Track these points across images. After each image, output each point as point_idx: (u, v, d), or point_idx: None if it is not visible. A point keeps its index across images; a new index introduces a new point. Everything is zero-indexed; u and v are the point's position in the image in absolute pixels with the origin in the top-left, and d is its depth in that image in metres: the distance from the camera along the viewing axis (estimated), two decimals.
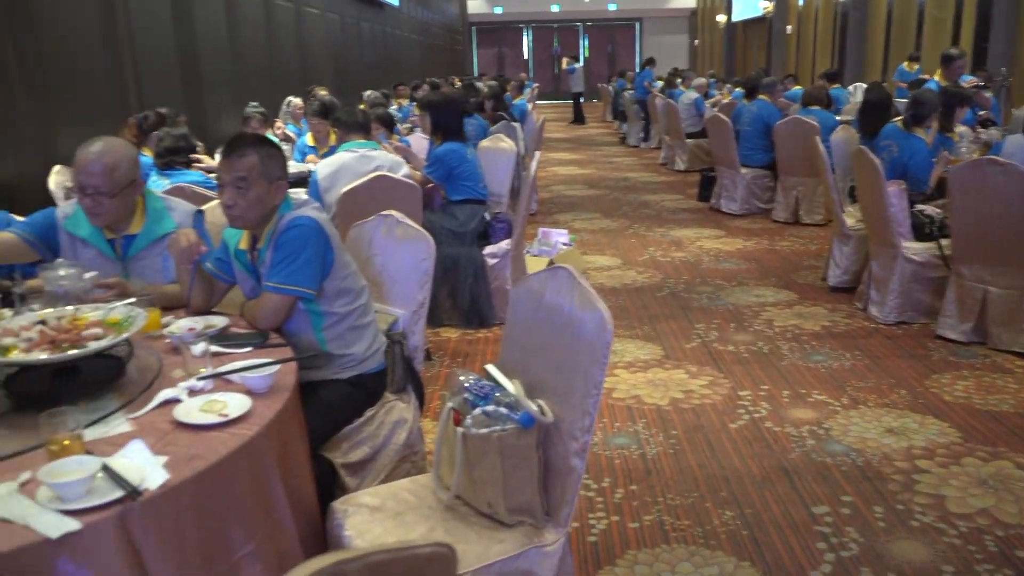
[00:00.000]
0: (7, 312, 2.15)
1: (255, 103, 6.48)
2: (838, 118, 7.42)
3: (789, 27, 19.13)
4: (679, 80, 12.46)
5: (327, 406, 2.28)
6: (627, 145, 14.22)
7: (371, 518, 1.90)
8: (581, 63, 21.13)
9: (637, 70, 21.37)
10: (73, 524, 1.33)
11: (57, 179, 4.42)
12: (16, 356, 1.77)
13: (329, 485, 2.24)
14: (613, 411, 3.50)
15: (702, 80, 12.47)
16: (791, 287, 5.34)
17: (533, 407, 1.81)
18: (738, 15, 23.11)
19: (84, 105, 5.04)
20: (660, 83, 13.76)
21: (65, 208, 2.50)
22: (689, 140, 10.42)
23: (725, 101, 11.17)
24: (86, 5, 5.19)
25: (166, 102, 5.54)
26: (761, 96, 7.77)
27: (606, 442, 3.23)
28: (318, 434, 2.20)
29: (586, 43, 29.29)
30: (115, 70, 5.50)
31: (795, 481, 2.91)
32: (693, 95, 10.64)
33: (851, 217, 5.09)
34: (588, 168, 11.56)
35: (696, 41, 28.22)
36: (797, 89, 10.17)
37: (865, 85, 9.85)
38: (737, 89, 11.80)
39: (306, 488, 1.95)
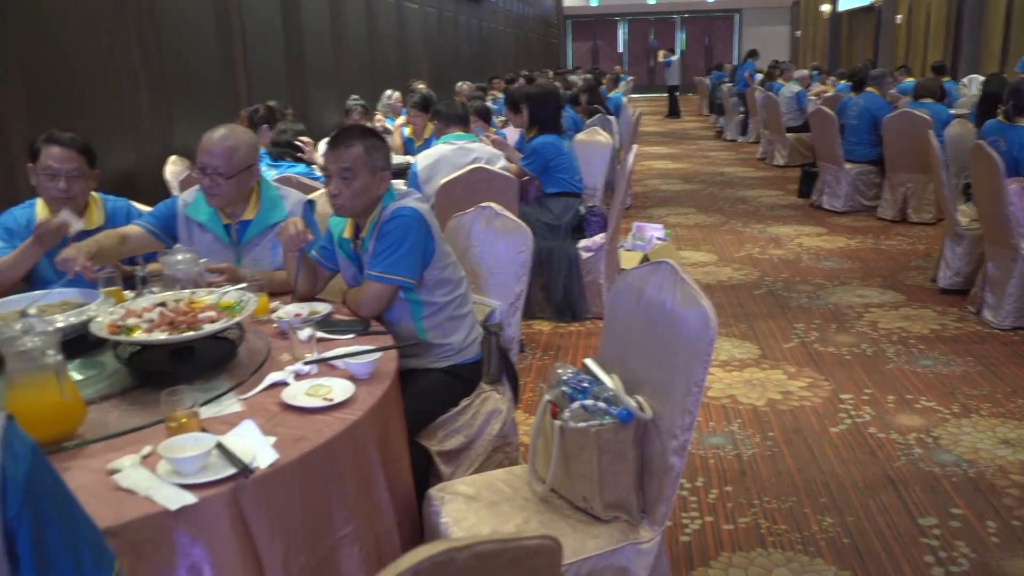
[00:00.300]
0: (129, 294, 2.27)
1: (356, 96, 6.64)
2: (951, 111, 7.06)
3: (899, 16, 18.28)
4: (779, 72, 12.10)
5: (424, 394, 2.32)
6: (724, 139, 13.92)
7: (467, 507, 1.92)
8: (677, 56, 20.79)
9: (735, 63, 20.86)
10: (190, 498, 1.39)
11: (172, 169, 4.64)
12: (139, 336, 1.87)
13: (424, 472, 2.28)
14: (708, 410, 3.44)
15: (804, 72, 12.06)
16: (897, 288, 5.12)
17: (632, 403, 1.79)
18: (844, 5, 22.23)
19: (198, 100, 5.27)
20: (760, 75, 13.40)
21: (186, 196, 2.63)
22: (789, 134, 10.11)
23: (829, 94, 10.79)
24: (203, 6, 5.42)
25: (273, 96, 5.73)
26: (869, 88, 7.46)
27: (700, 441, 3.17)
28: (414, 421, 2.23)
29: (683, 36, 28.75)
30: (227, 67, 5.73)
31: (900, 491, 2.79)
32: (795, 88, 10.31)
33: (965, 216, 4.84)
34: (683, 162, 11.37)
35: (798, 32, 27.32)
36: (909, 81, 9.73)
37: (981, 77, 9.33)
38: (842, 82, 11.38)
39: (404, 473, 1.99)
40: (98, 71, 4.27)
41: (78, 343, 1.95)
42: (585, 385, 1.86)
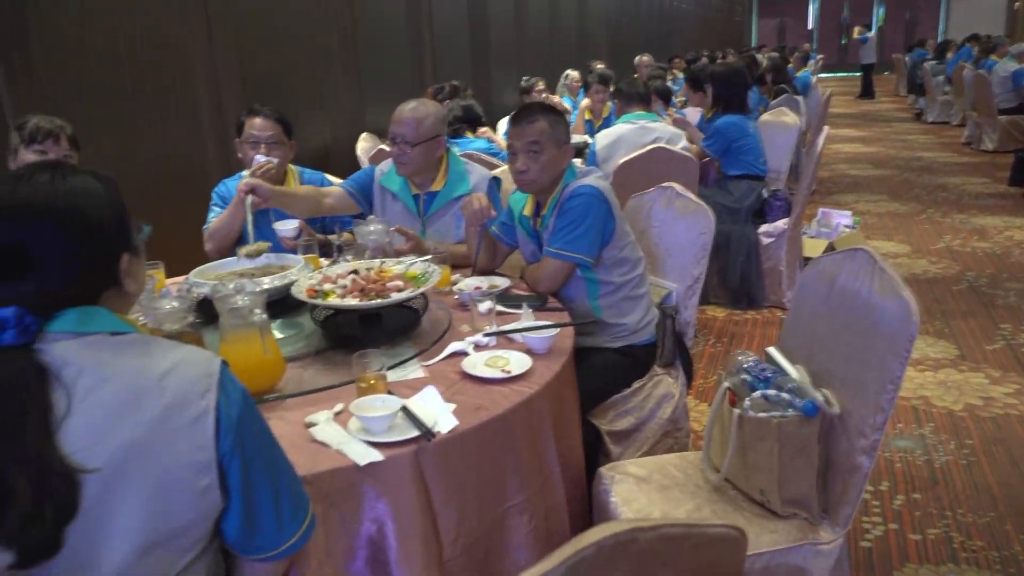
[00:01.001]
0: (323, 261, 2.42)
1: (526, 76, 6.70)
2: None
3: None
4: (992, 48, 10.97)
5: (597, 373, 2.31)
6: (923, 122, 12.87)
7: (637, 488, 1.90)
8: (874, 32, 19.39)
9: (940, 38, 19.23)
10: (377, 455, 1.46)
11: (363, 145, 4.89)
12: (333, 300, 1.98)
13: (593, 450, 2.28)
14: (896, 410, 3.20)
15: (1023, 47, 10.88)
16: None
17: (818, 396, 1.70)
18: None
19: (387, 80, 5.52)
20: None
21: (382, 167, 2.78)
22: (1002, 116, 9.18)
23: None
24: None
25: (456, 77, 5.89)
26: None
27: (886, 443, 2.97)
28: (586, 399, 2.22)
29: (881, 11, 26.70)
30: (415, 50, 5.95)
31: None
32: (1011, 66, 9.33)
33: None
34: (875, 146, 10.62)
35: (1016, 3, 24.67)
36: None
37: None
38: None
39: (575, 450, 2.00)
40: (301, 57, 4.58)
41: (280, 304, 2.10)
42: (768, 375, 1.78)
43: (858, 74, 18.51)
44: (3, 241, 1.03)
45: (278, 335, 1.97)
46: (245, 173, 2.71)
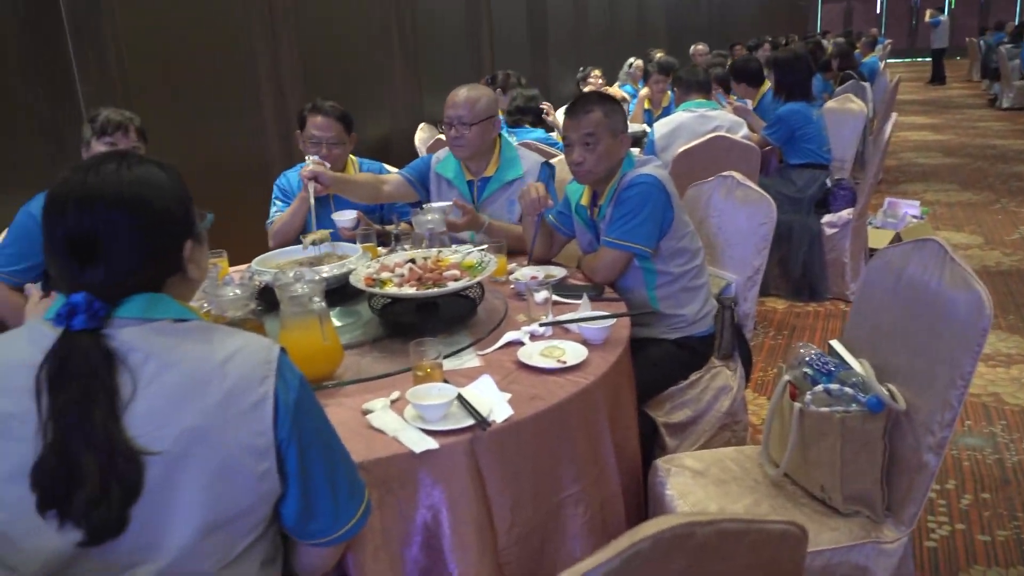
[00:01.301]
0: (381, 250, 2.44)
1: (581, 67, 6.65)
2: None
3: None
4: None
5: (654, 364, 2.28)
6: (998, 108, 12.37)
7: (693, 481, 1.88)
8: (945, 15, 18.69)
9: (1016, 21, 18.44)
10: (432, 443, 1.47)
11: (421, 136, 4.92)
12: (390, 289, 2.00)
13: (648, 442, 2.25)
14: (964, 407, 3.09)
15: None
16: None
17: (883, 391, 1.65)
18: None
19: (446, 71, 5.53)
20: None
21: (439, 155, 2.81)
22: None
23: None
24: None
25: (515, 67, 5.88)
26: None
27: (953, 441, 2.87)
28: (643, 390, 2.20)
29: None
30: (474, 41, 5.96)
31: None
32: None
33: None
34: (945, 133, 10.26)
35: None
36: None
37: None
38: None
39: (631, 442, 1.98)
40: (362, 49, 4.63)
41: (339, 293, 2.13)
42: (831, 368, 1.74)
43: (928, 59, 17.90)
44: (75, 230, 1.06)
45: (336, 323, 2.00)
46: (307, 160, 2.76)
